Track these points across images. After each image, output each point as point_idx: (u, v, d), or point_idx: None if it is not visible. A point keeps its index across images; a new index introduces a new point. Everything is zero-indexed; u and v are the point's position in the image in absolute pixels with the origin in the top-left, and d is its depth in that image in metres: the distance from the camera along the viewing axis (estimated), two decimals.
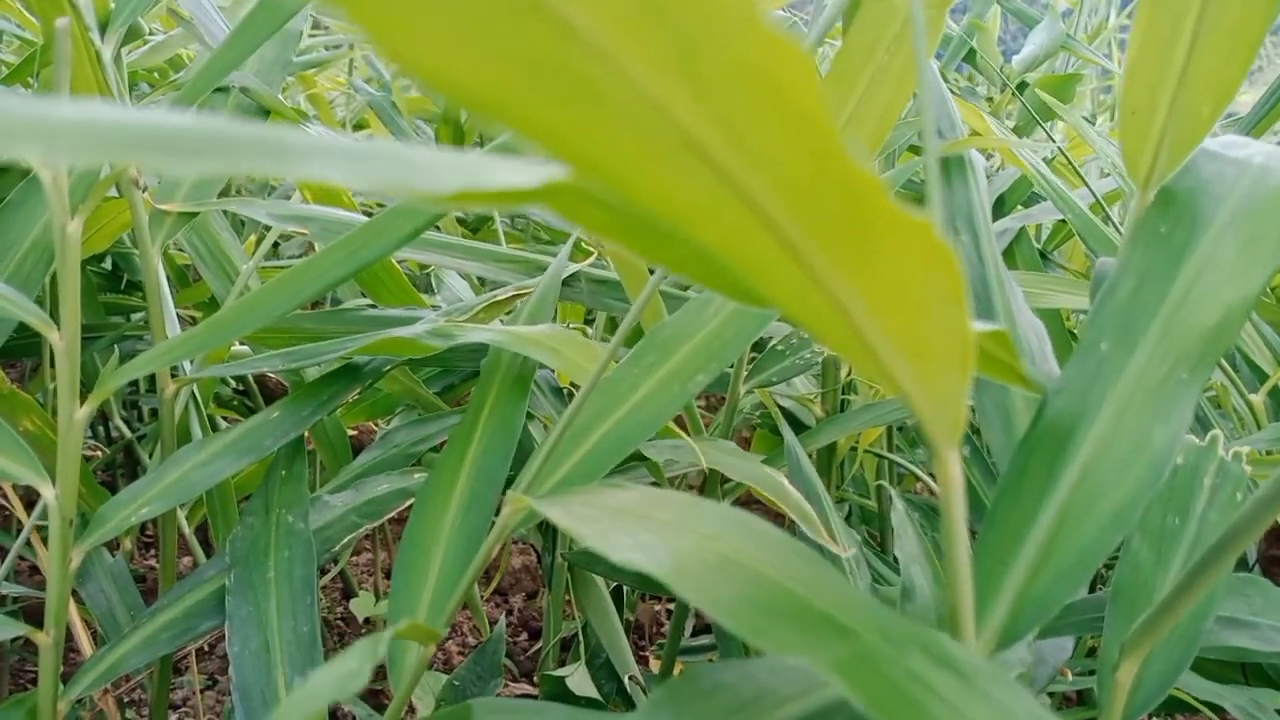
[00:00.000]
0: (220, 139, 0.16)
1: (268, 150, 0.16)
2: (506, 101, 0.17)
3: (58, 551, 0.56)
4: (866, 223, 0.20)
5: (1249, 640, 0.50)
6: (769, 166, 0.19)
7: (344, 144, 0.17)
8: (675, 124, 0.18)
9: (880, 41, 0.54)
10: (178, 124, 0.16)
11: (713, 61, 0.17)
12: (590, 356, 0.58)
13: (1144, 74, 0.40)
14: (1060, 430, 0.38)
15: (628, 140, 0.18)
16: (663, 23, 0.16)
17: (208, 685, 1.16)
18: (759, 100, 0.17)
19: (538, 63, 0.16)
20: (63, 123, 0.15)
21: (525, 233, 1.38)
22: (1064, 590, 0.35)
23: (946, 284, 0.23)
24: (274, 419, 0.62)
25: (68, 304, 0.55)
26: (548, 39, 0.16)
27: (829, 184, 0.19)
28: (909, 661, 0.25)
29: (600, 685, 0.81)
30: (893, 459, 0.97)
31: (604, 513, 0.34)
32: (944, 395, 0.28)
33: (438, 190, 0.17)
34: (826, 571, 0.31)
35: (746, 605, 0.27)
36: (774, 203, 0.20)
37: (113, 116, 0.16)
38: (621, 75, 0.16)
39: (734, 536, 0.32)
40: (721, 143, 0.18)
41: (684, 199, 0.20)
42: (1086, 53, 1.27)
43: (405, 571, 0.55)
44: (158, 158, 0.15)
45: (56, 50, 0.49)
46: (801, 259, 0.21)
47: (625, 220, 0.25)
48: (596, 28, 0.16)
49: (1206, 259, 0.40)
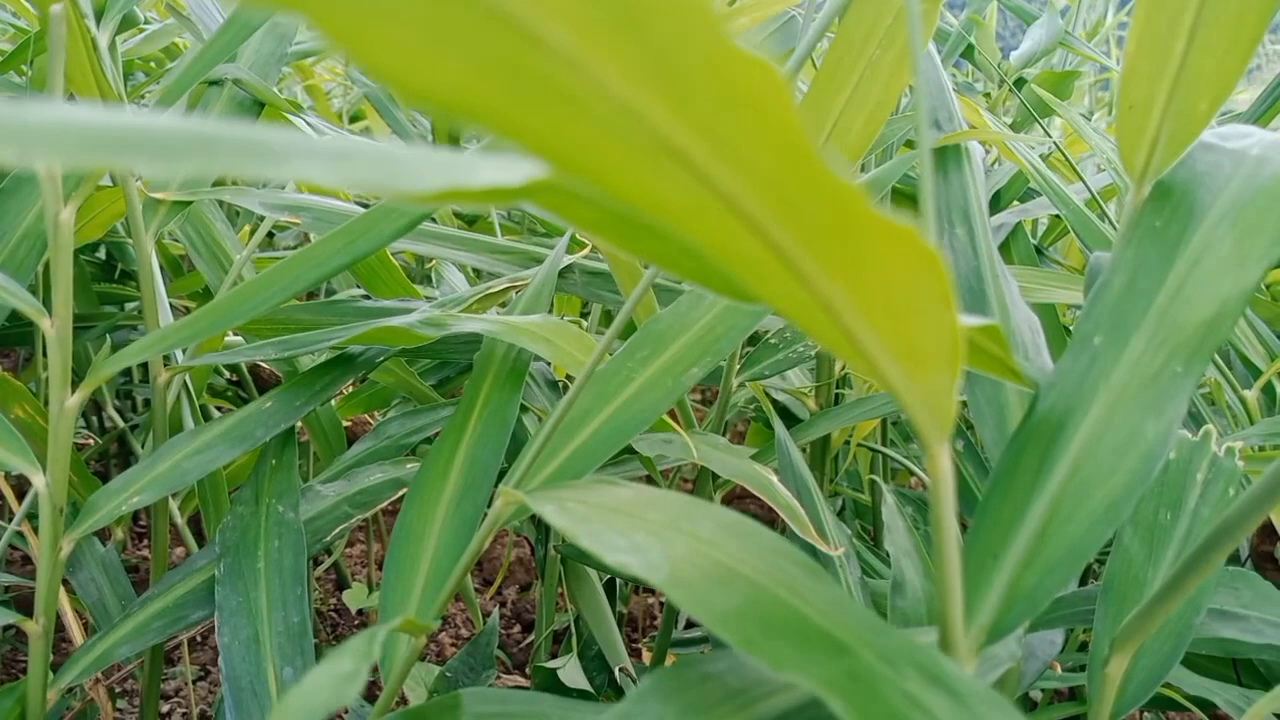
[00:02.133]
0: (204, 140, 0.16)
1: (252, 151, 0.16)
2: (479, 106, 0.17)
3: (48, 540, 0.56)
4: (850, 229, 0.20)
5: (1239, 632, 0.50)
6: (751, 176, 0.19)
7: (328, 144, 0.17)
8: (653, 131, 0.18)
9: (872, 36, 0.54)
10: (160, 125, 0.16)
11: (688, 76, 0.16)
12: (584, 347, 0.58)
13: (1142, 69, 0.40)
14: (1052, 424, 0.38)
15: (606, 142, 0.18)
16: (636, 38, 0.16)
17: (200, 676, 1.16)
18: (736, 115, 0.17)
19: (509, 70, 0.16)
20: (40, 125, 0.15)
21: (521, 225, 1.37)
22: (1054, 584, 0.35)
23: (933, 285, 0.23)
24: (267, 409, 0.62)
25: (60, 291, 0.55)
26: (518, 48, 0.16)
27: (810, 194, 0.19)
28: (904, 682, 0.25)
29: (592, 677, 0.81)
30: (886, 453, 0.97)
31: (597, 511, 0.34)
32: (933, 392, 0.28)
33: (421, 190, 0.17)
34: (823, 582, 0.31)
35: (742, 617, 0.27)
36: (758, 208, 0.20)
37: (92, 119, 0.16)
38: (596, 84, 0.16)
39: (730, 542, 0.31)
40: (701, 148, 0.18)
41: (668, 200, 0.20)
42: (1084, 49, 1.26)
43: (397, 562, 0.55)
44: (140, 159, 0.15)
45: (51, 37, 0.48)
46: (788, 261, 0.21)
47: (613, 217, 0.25)
48: (568, 40, 0.16)
49: (1201, 252, 0.40)
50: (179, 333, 0.58)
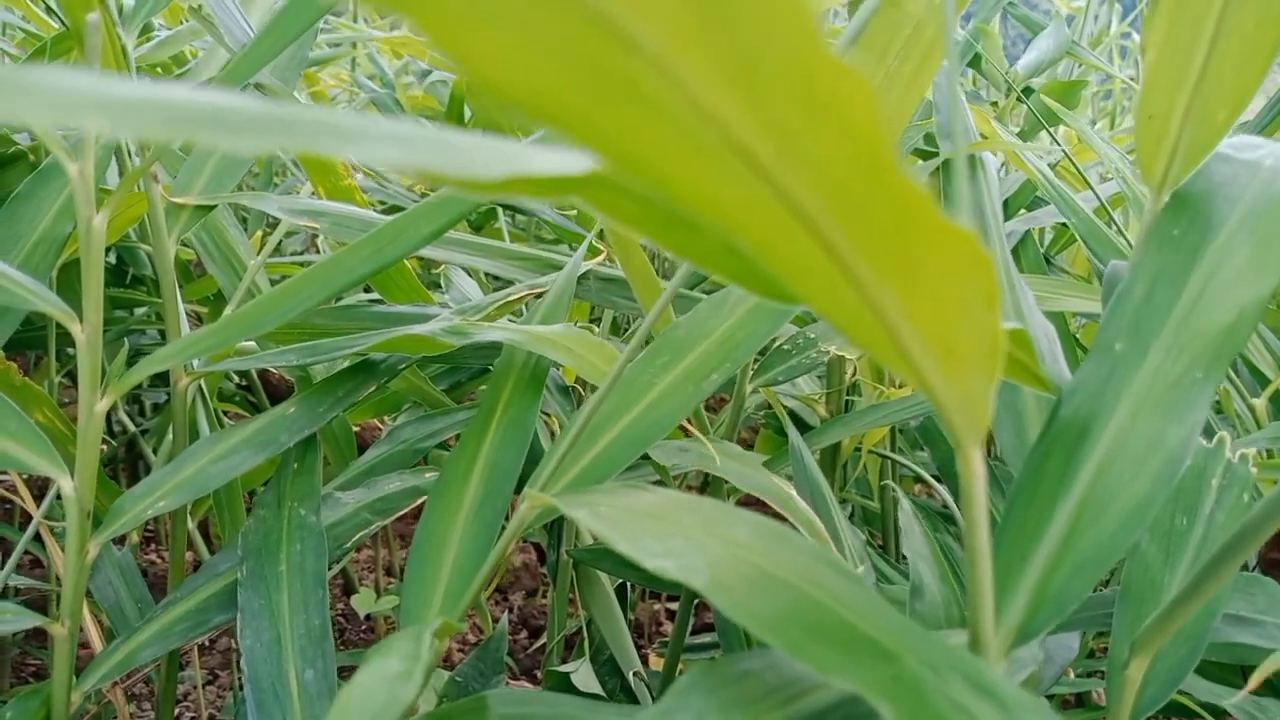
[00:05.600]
0: (281, 119, 0.16)
1: (327, 131, 0.16)
2: (559, 105, 0.17)
3: (75, 543, 0.56)
4: (912, 233, 0.21)
5: (1253, 637, 0.51)
6: (820, 176, 0.19)
7: (396, 128, 0.17)
8: (725, 131, 0.18)
9: (891, 46, 0.55)
10: (239, 104, 0.16)
11: (772, 77, 0.17)
12: (606, 357, 0.58)
13: (1162, 79, 0.41)
14: (1076, 429, 0.39)
15: (676, 143, 0.19)
16: (725, 39, 0.16)
17: (208, 680, 1.16)
18: (817, 115, 0.18)
19: (594, 70, 0.17)
20: (128, 98, 0.15)
21: (526, 232, 1.38)
22: (1081, 586, 0.36)
23: (984, 290, 0.23)
24: (290, 414, 0.62)
25: (90, 296, 0.56)
26: (608, 49, 0.16)
27: (880, 196, 0.20)
28: (951, 689, 0.25)
29: (604, 681, 0.81)
30: (897, 459, 0.97)
31: (630, 515, 0.34)
32: (971, 394, 0.28)
33: (486, 176, 0.17)
34: (863, 589, 0.31)
35: (785, 621, 0.27)
36: (820, 209, 0.20)
37: (175, 94, 0.16)
38: (679, 86, 0.17)
39: (766, 547, 0.32)
40: (772, 151, 0.19)
41: (727, 200, 0.21)
42: (1092, 58, 1.27)
43: (419, 566, 0.55)
44: (222, 134, 0.15)
45: (87, 44, 0.49)
46: (842, 262, 0.22)
47: (657, 213, 0.25)
48: (658, 41, 0.16)
49: (1220, 261, 0.41)
50: (207, 339, 0.59)
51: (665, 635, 1.29)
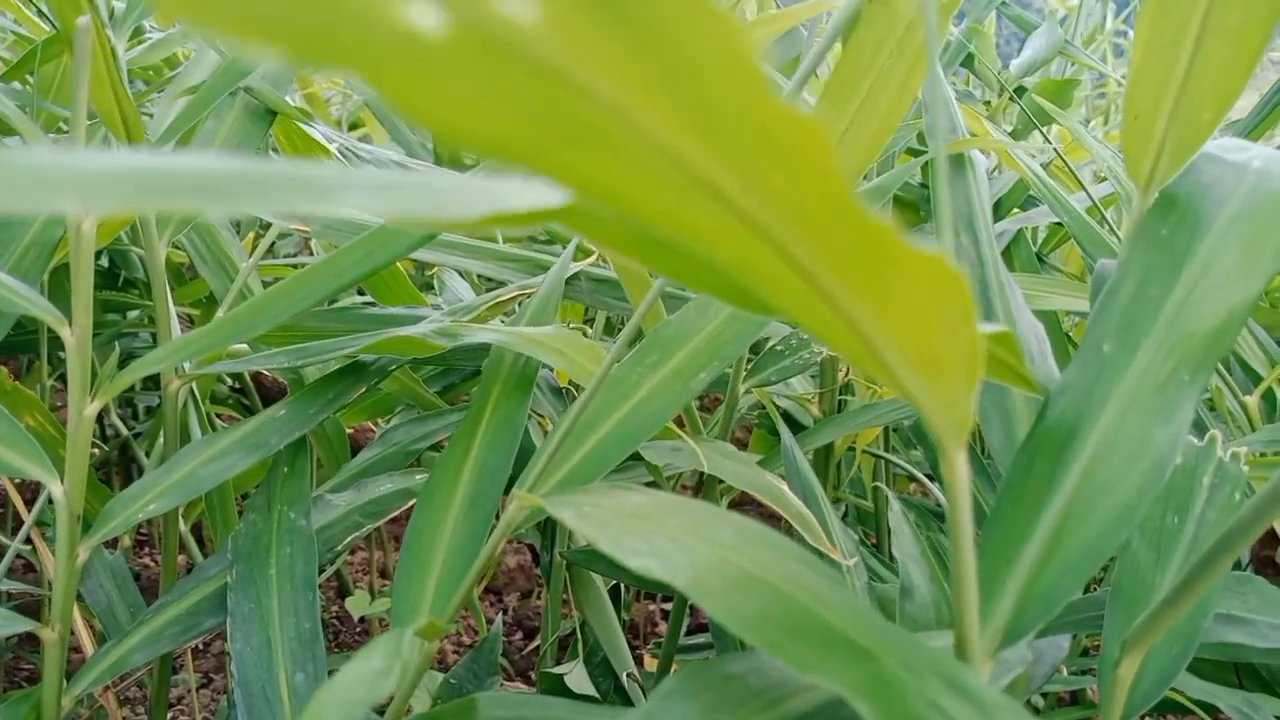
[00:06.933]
0: (256, 180, 0.16)
1: (302, 188, 0.16)
2: (521, 149, 0.17)
3: (65, 547, 0.56)
4: (880, 258, 0.21)
5: (1245, 636, 0.51)
6: (784, 208, 0.19)
7: (374, 176, 0.17)
8: (690, 170, 0.18)
9: (883, 47, 0.55)
10: (211, 167, 0.16)
11: (729, 126, 0.17)
12: (595, 359, 0.58)
13: (1148, 78, 0.41)
14: (1063, 430, 0.39)
15: (641, 179, 0.19)
16: (676, 90, 0.16)
17: (202, 684, 1.16)
18: (777, 163, 0.18)
19: (553, 117, 0.17)
20: (97, 173, 0.15)
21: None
22: (1068, 587, 0.36)
23: (957, 304, 0.23)
24: (280, 417, 0.62)
25: (80, 300, 0.56)
26: (566, 98, 0.16)
27: (843, 230, 0.20)
28: (929, 690, 0.25)
29: (598, 683, 0.81)
30: (890, 459, 0.97)
31: (615, 516, 0.34)
32: (951, 399, 0.28)
33: (467, 217, 0.17)
34: (844, 590, 0.31)
35: (767, 622, 0.27)
36: (788, 236, 0.20)
37: (145, 164, 0.16)
38: (637, 130, 0.17)
39: (752, 549, 0.32)
40: (736, 185, 0.19)
41: (698, 227, 0.21)
42: (1084, 58, 1.27)
43: (409, 568, 0.55)
44: (195, 202, 0.15)
45: (77, 48, 0.49)
46: (815, 282, 0.22)
47: (637, 237, 0.26)
48: (611, 92, 0.16)
49: (1208, 261, 0.41)
50: (199, 341, 0.58)
51: (660, 635, 1.29)
